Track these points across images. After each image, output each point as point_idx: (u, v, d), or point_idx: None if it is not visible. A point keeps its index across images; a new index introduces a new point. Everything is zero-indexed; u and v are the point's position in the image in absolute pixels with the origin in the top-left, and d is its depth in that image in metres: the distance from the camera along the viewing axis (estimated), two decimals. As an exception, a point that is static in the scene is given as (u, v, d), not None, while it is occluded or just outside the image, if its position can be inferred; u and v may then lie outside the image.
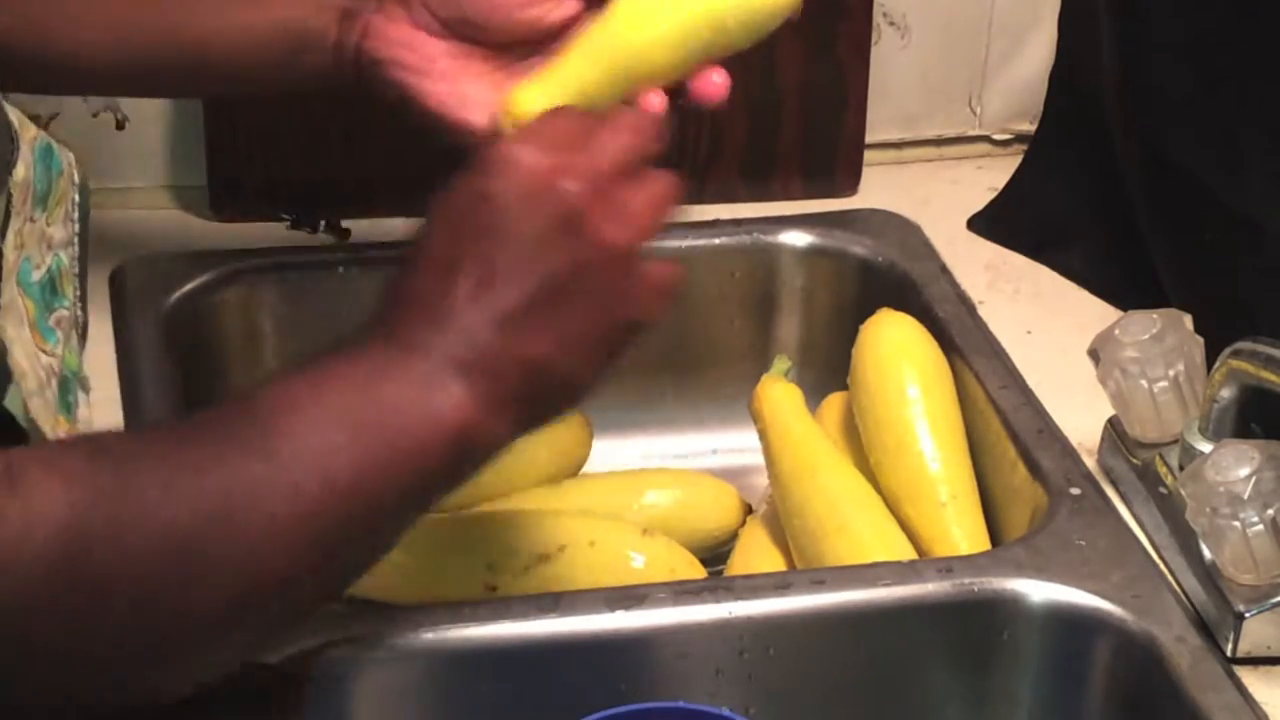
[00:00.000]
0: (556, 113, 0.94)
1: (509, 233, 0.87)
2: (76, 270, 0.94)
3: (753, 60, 1.39)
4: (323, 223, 1.36)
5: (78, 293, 0.94)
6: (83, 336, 0.96)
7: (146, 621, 0.79)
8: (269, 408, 0.83)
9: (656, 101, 1.04)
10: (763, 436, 1.24)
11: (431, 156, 0.96)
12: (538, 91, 1.03)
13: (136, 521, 0.78)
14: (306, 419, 0.83)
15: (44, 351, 0.97)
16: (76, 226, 0.94)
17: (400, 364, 0.85)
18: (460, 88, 1.06)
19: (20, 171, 0.87)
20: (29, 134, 0.88)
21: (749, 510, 1.25)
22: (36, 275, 0.90)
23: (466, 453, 0.87)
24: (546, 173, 0.88)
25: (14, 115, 0.87)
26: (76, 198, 0.94)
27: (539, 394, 0.89)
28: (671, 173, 0.93)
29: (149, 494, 0.78)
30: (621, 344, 0.91)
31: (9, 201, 0.86)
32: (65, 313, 0.93)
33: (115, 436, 0.84)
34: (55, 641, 0.77)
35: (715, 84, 1.06)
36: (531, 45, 1.07)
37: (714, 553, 1.22)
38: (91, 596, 0.77)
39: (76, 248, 0.94)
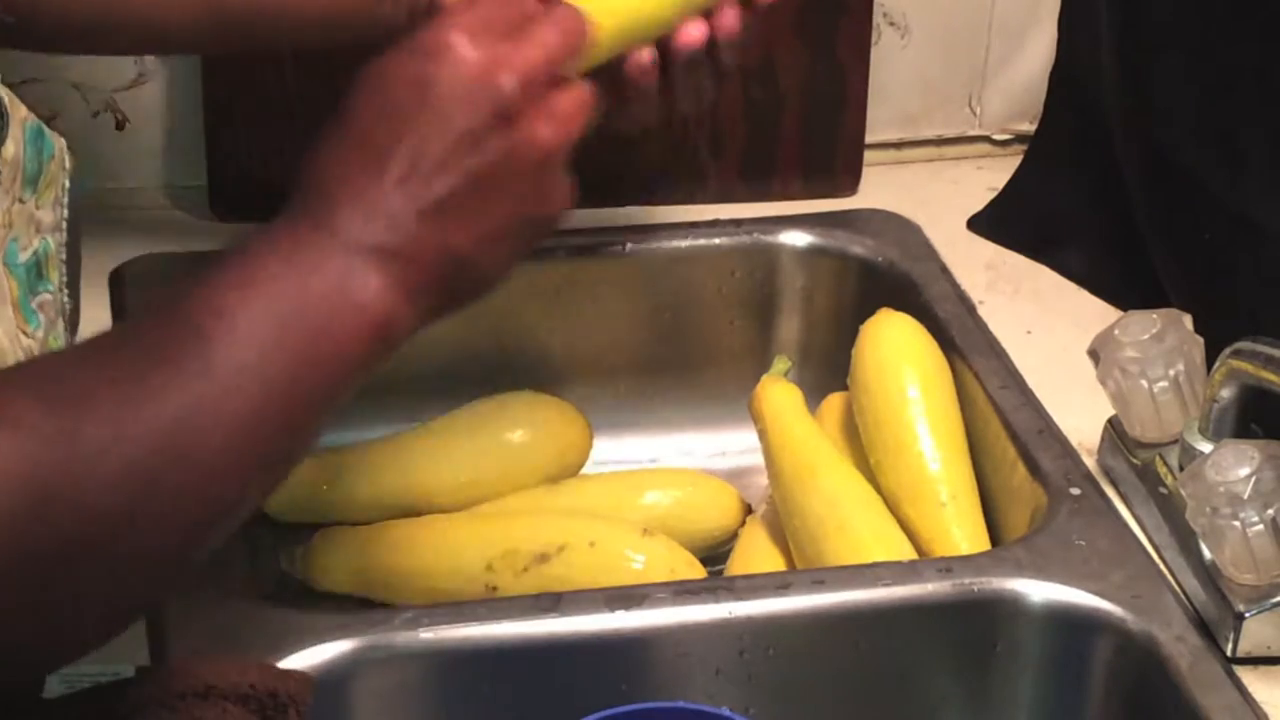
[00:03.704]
0: None
1: (445, 123, 0.87)
2: (64, 256, 0.93)
3: (753, 60, 1.40)
4: (322, 223, 1.36)
5: (64, 279, 0.94)
6: (72, 325, 0.95)
7: (108, 565, 0.78)
8: (200, 314, 0.82)
9: (648, 57, 1.05)
10: (763, 436, 1.24)
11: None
12: None
13: (92, 467, 0.76)
14: (237, 325, 0.82)
15: (24, 333, 0.96)
16: (65, 212, 0.93)
17: (325, 251, 0.85)
18: None
19: (10, 149, 0.86)
20: (19, 113, 0.88)
21: (749, 510, 1.25)
22: (23, 257, 0.90)
23: (385, 342, 0.87)
24: (486, 64, 0.88)
25: (4, 92, 0.87)
26: (66, 183, 0.93)
27: (453, 285, 0.89)
28: (585, 85, 0.92)
29: (102, 435, 0.77)
30: (535, 239, 0.91)
31: None
32: (49, 297, 0.93)
33: (57, 370, 0.82)
34: (19, 596, 0.76)
35: (693, 35, 1.07)
36: None
37: (714, 553, 1.22)
38: (53, 548, 0.75)
39: (65, 233, 0.93)
